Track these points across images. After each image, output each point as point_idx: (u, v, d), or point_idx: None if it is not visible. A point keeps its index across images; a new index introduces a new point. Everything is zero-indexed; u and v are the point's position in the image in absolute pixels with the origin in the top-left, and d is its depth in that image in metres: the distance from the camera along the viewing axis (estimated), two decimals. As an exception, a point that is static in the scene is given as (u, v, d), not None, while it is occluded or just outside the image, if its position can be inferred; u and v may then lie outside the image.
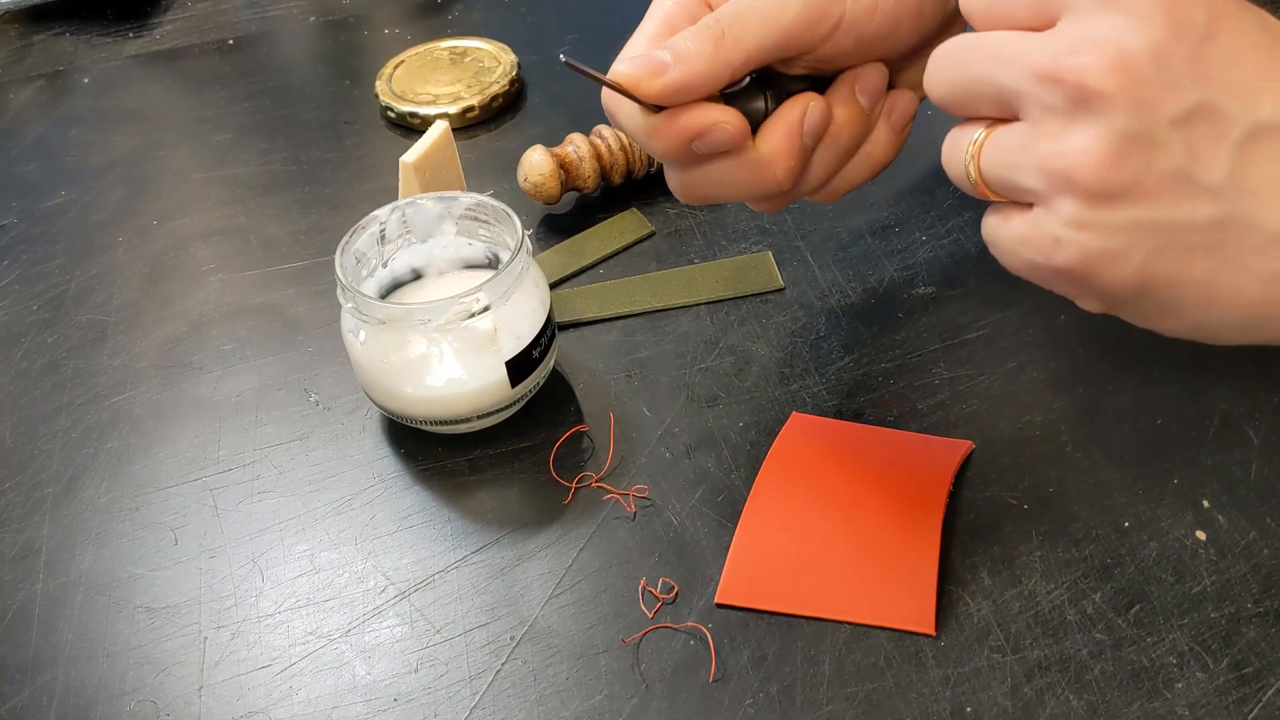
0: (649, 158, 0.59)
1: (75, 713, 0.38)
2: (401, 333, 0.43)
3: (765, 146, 0.37)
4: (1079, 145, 0.29)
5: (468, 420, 0.45)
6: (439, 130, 0.51)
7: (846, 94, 0.39)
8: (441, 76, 0.69)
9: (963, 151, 0.32)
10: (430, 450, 0.47)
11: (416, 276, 0.49)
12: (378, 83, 0.69)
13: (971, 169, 0.32)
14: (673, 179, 0.39)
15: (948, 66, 0.32)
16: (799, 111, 0.37)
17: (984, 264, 0.51)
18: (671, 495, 0.44)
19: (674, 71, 0.35)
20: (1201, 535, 0.41)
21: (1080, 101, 0.28)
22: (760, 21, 0.35)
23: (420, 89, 0.68)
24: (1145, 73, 0.28)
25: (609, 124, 0.59)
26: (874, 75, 0.39)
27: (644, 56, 0.35)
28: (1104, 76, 0.28)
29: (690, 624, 0.39)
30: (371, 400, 0.46)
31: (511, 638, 0.40)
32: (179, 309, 0.55)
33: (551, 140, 0.58)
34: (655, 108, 0.36)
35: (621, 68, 0.35)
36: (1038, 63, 0.29)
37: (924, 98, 0.39)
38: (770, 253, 0.55)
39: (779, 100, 0.38)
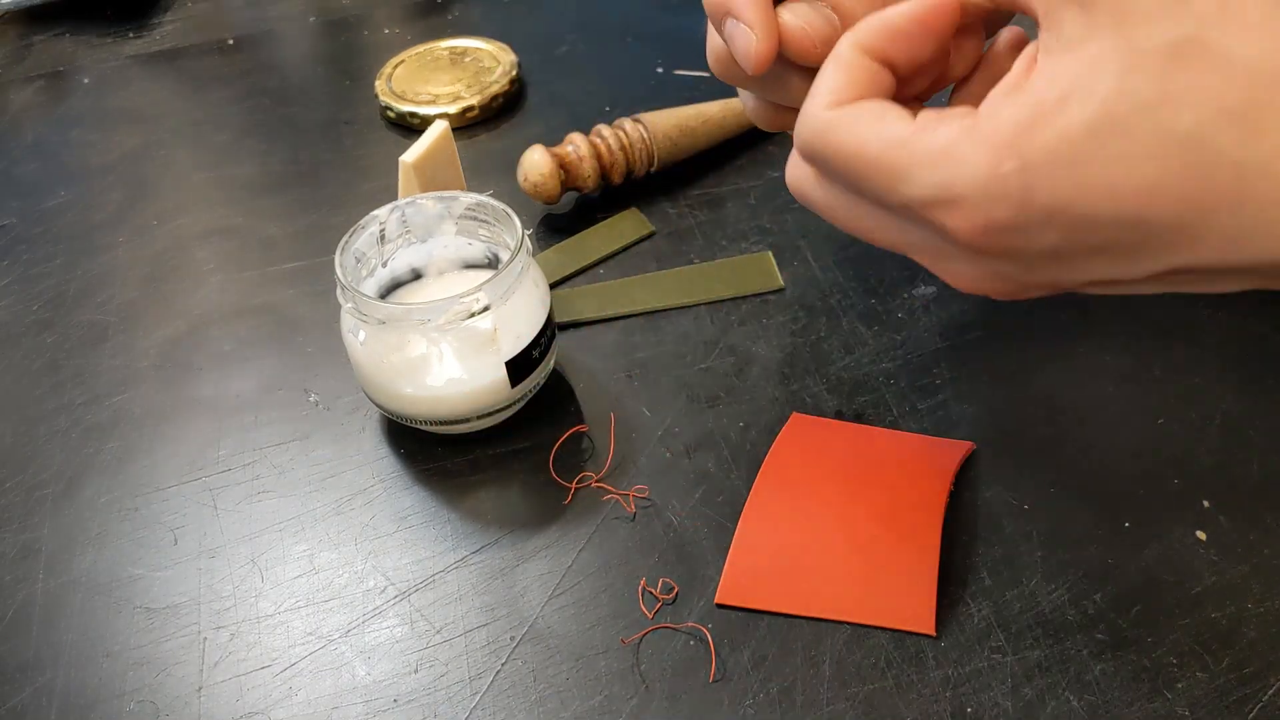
0: (649, 157, 0.59)
1: (75, 713, 0.38)
2: (401, 333, 0.43)
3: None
4: (960, 271, 0.32)
5: (468, 420, 0.45)
6: (439, 130, 0.51)
7: None
8: (441, 76, 0.69)
9: None
10: (430, 450, 0.47)
11: (416, 276, 0.49)
12: (378, 83, 0.69)
13: None
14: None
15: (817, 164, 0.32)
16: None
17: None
18: (671, 495, 0.44)
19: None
20: (1201, 535, 0.41)
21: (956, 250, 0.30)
22: None
23: (420, 89, 0.68)
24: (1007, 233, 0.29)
25: (609, 124, 0.59)
26: None
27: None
28: (972, 237, 0.29)
29: (690, 624, 0.39)
30: (371, 400, 0.46)
31: (511, 638, 0.40)
32: (179, 309, 0.55)
33: (551, 140, 0.58)
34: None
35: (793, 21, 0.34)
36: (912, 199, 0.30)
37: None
38: (770, 253, 0.55)
39: None
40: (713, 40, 0.38)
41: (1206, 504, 0.42)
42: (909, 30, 0.32)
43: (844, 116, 0.31)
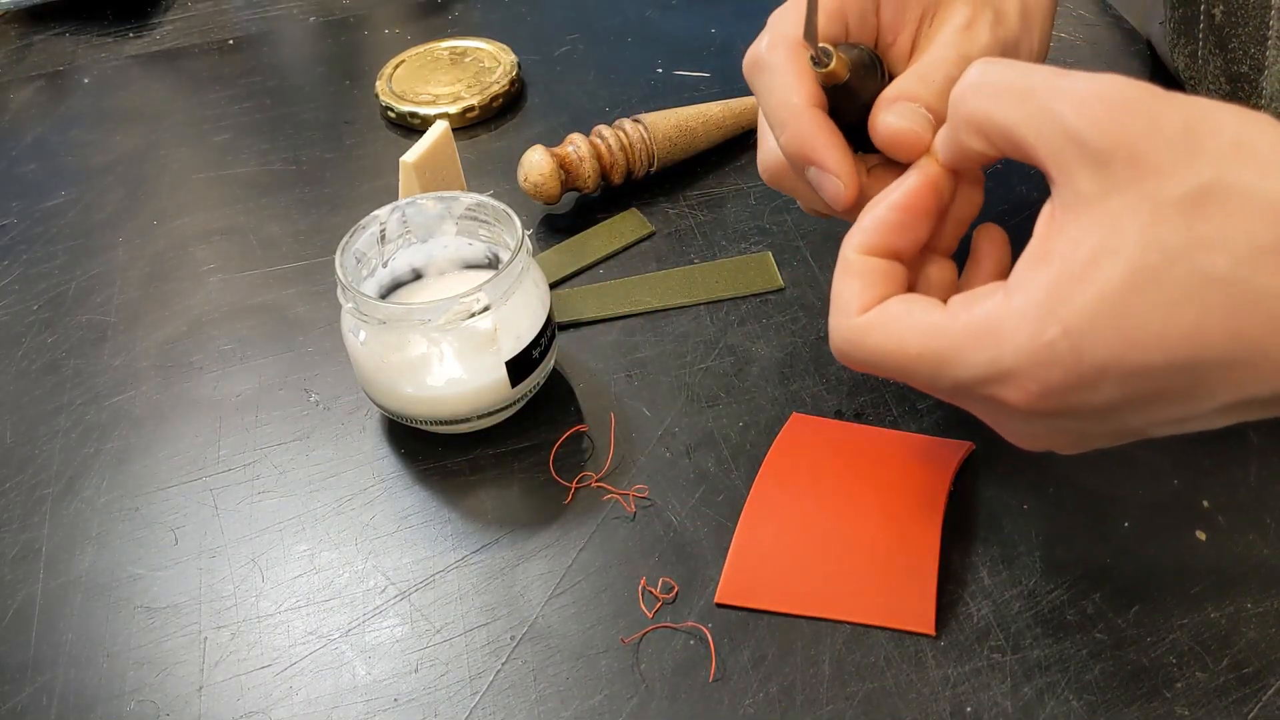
0: (649, 158, 0.59)
1: (75, 713, 0.38)
2: (401, 333, 0.43)
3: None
4: (1021, 431, 0.32)
5: (468, 420, 0.45)
6: (439, 130, 0.51)
7: None
8: (442, 76, 0.69)
9: None
10: (430, 450, 0.47)
11: (416, 276, 0.49)
12: (378, 83, 0.69)
13: None
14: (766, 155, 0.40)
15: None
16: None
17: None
18: (671, 495, 0.44)
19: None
20: (1201, 535, 0.41)
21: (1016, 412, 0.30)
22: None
23: (420, 89, 0.68)
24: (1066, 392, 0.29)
25: (609, 124, 0.59)
26: None
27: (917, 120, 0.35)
28: (1031, 404, 0.29)
29: (690, 624, 0.39)
30: (371, 400, 0.46)
31: (511, 638, 0.40)
32: (179, 309, 0.55)
33: (551, 140, 0.58)
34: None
35: (902, 124, 0.35)
36: (966, 382, 0.30)
37: None
38: (770, 253, 0.55)
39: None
40: (765, 154, 0.40)
41: (1206, 504, 0.42)
42: (901, 221, 0.33)
43: (873, 320, 0.32)
